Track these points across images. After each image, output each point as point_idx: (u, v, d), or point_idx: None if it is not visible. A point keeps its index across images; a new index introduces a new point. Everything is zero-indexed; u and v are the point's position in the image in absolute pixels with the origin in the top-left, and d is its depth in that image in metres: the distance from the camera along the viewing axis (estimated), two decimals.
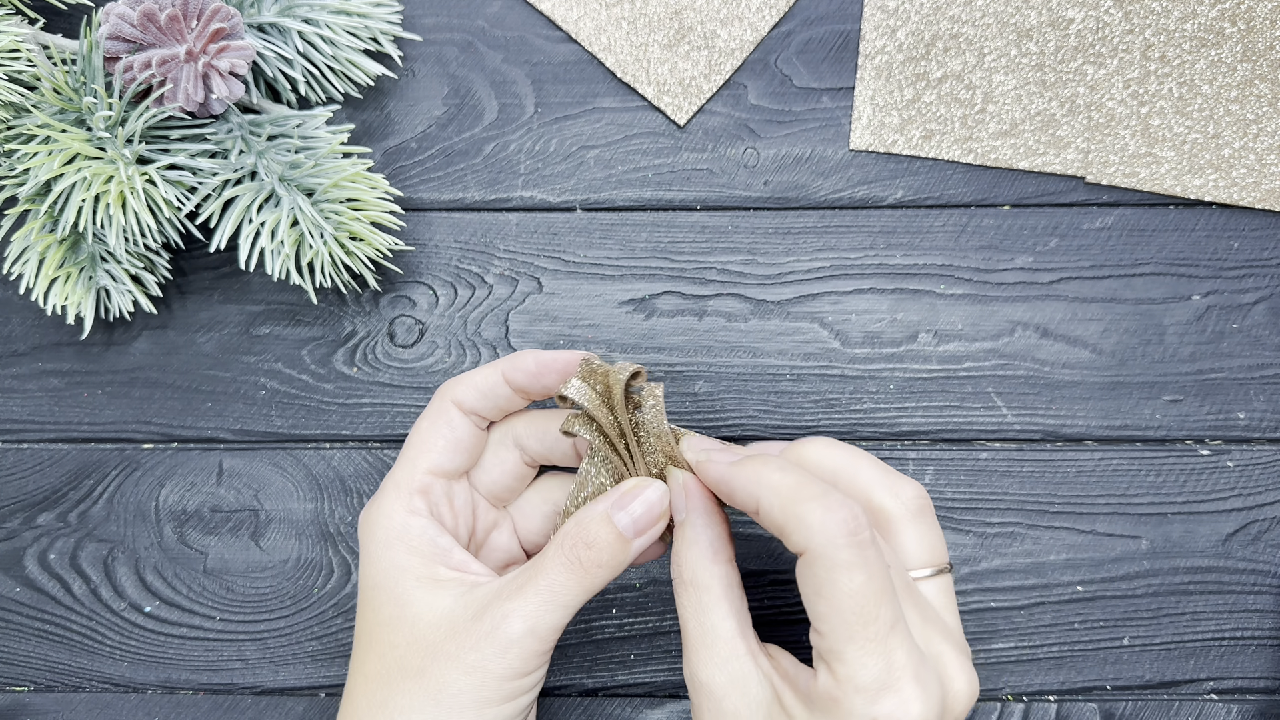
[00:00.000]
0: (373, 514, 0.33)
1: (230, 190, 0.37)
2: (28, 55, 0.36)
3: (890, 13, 0.41)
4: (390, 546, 0.32)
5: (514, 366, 0.33)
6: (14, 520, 0.41)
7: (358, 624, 0.32)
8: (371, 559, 0.32)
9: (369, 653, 0.31)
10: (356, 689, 0.31)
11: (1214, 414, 0.40)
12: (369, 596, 0.32)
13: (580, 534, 0.31)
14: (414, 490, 0.33)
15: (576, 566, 0.30)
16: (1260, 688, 0.39)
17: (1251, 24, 0.40)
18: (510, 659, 0.29)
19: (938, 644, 0.28)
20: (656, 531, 0.32)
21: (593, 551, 0.31)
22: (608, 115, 0.41)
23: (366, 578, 0.32)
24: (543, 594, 0.30)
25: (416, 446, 0.33)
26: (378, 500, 0.33)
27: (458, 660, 0.29)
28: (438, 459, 0.33)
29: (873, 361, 0.40)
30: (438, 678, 0.29)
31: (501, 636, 0.29)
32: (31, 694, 0.41)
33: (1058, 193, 0.40)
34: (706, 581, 0.30)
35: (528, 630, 0.30)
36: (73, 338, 0.42)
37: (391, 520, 0.32)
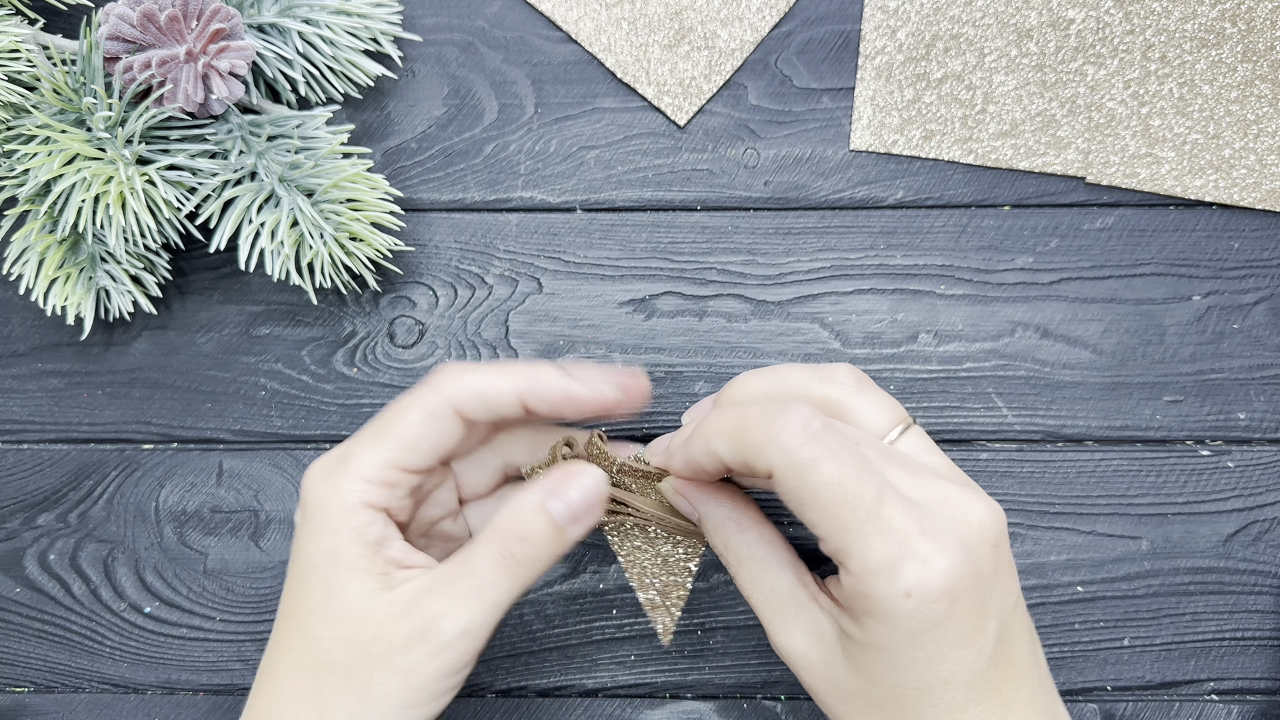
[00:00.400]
0: (325, 492, 0.30)
1: (230, 191, 0.37)
2: (27, 55, 0.36)
3: (890, 13, 0.41)
4: (335, 531, 0.30)
5: (537, 394, 0.31)
6: (14, 520, 0.41)
7: (284, 600, 0.31)
8: (313, 537, 0.30)
9: (295, 639, 0.30)
10: (280, 673, 0.30)
11: (1214, 414, 0.40)
12: (301, 576, 0.30)
13: (513, 526, 0.29)
14: (376, 481, 0.30)
15: (510, 562, 0.29)
16: (1261, 688, 0.39)
17: (1252, 24, 0.40)
18: (441, 661, 0.29)
19: (935, 489, 0.27)
20: (592, 518, 0.31)
21: (526, 545, 0.29)
22: (608, 115, 0.41)
23: (302, 554, 0.30)
24: (473, 592, 0.29)
25: (395, 435, 0.30)
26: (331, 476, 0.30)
27: (387, 663, 0.29)
28: (414, 459, 0.31)
29: (873, 362, 0.40)
30: (366, 679, 0.29)
31: (433, 641, 0.28)
32: (31, 694, 0.41)
33: (1058, 193, 0.40)
34: (747, 552, 0.30)
35: (460, 632, 0.29)
36: (73, 338, 0.42)
37: (344, 503, 0.30)
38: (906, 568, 0.25)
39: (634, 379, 0.32)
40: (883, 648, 0.26)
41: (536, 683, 0.40)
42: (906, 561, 0.25)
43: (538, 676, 0.40)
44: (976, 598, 0.26)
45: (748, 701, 0.40)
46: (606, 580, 0.40)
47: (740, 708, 0.40)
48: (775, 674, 0.40)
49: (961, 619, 0.25)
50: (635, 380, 0.32)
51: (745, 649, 0.40)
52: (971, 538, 0.26)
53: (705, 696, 0.40)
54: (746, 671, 0.40)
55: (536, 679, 0.40)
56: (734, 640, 0.40)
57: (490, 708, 0.40)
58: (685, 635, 0.40)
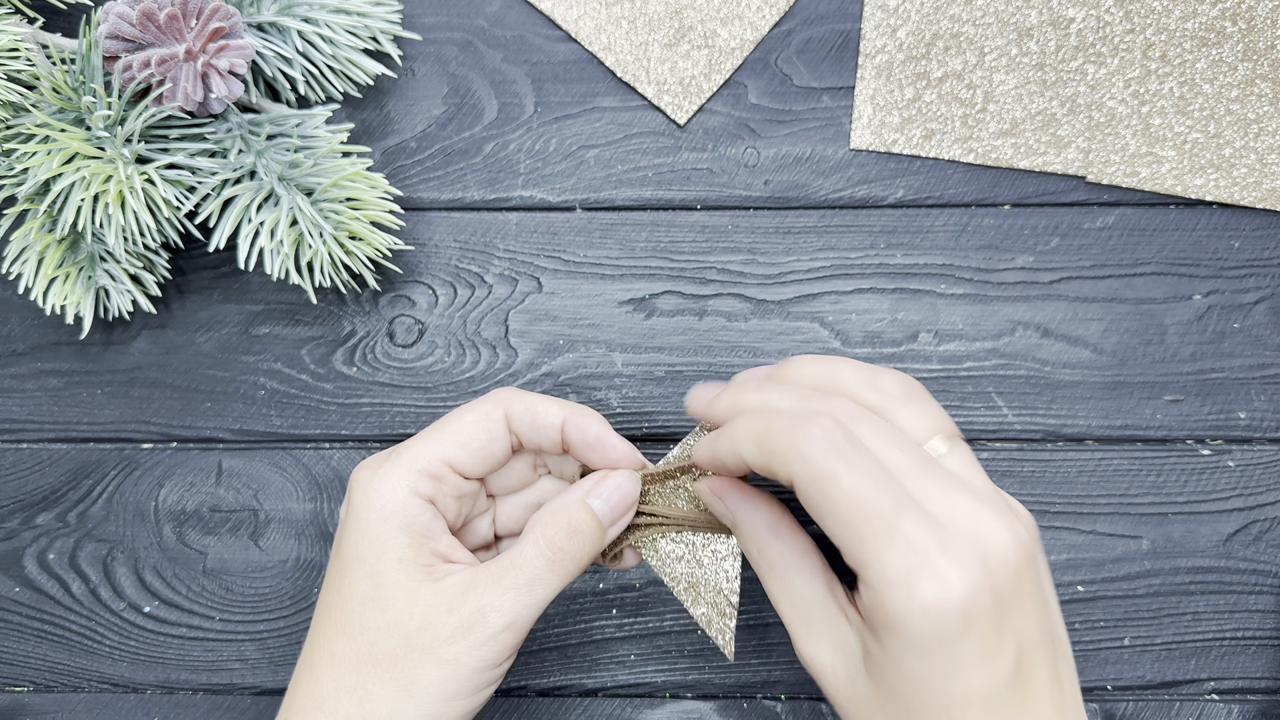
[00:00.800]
0: (376, 479, 0.31)
1: (229, 190, 0.37)
2: (27, 54, 0.36)
3: (891, 12, 0.41)
4: (384, 520, 0.31)
5: (577, 425, 0.32)
6: (13, 520, 0.41)
7: (327, 594, 0.31)
8: (361, 527, 0.31)
9: (338, 631, 0.30)
10: (321, 667, 0.30)
11: (1215, 414, 0.40)
12: (347, 567, 0.31)
13: (563, 522, 0.31)
14: (425, 472, 0.31)
15: (557, 557, 0.30)
16: (1261, 688, 0.39)
17: (1252, 23, 0.40)
18: (485, 653, 0.29)
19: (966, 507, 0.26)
20: (627, 519, 0.32)
21: (573, 540, 0.31)
22: (608, 115, 0.41)
23: (349, 545, 0.31)
24: (522, 587, 0.30)
25: (451, 433, 0.32)
26: (385, 466, 0.31)
27: (432, 653, 0.29)
28: (465, 458, 0.32)
29: (873, 361, 0.40)
30: (411, 669, 0.29)
31: (479, 633, 0.29)
32: (31, 694, 0.41)
33: (1058, 192, 0.40)
34: (780, 560, 0.30)
35: (506, 625, 0.30)
36: (72, 337, 0.41)
37: (394, 492, 0.31)
38: (923, 582, 0.25)
39: None
40: (900, 663, 0.26)
41: (536, 682, 0.40)
42: (922, 576, 0.25)
43: (537, 676, 0.40)
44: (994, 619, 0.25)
45: (748, 701, 0.40)
46: (606, 580, 0.40)
47: (740, 708, 0.40)
48: (775, 674, 0.40)
49: (977, 639, 0.25)
50: None
51: (745, 649, 0.40)
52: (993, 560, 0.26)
53: (705, 696, 0.40)
54: (746, 671, 0.40)
55: (536, 679, 0.40)
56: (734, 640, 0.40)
57: (490, 707, 0.40)
58: (685, 635, 0.40)
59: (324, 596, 0.31)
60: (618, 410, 0.40)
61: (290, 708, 0.31)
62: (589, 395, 0.40)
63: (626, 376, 0.41)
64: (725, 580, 0.33)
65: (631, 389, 0.40)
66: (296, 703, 0.31)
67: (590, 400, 0.40)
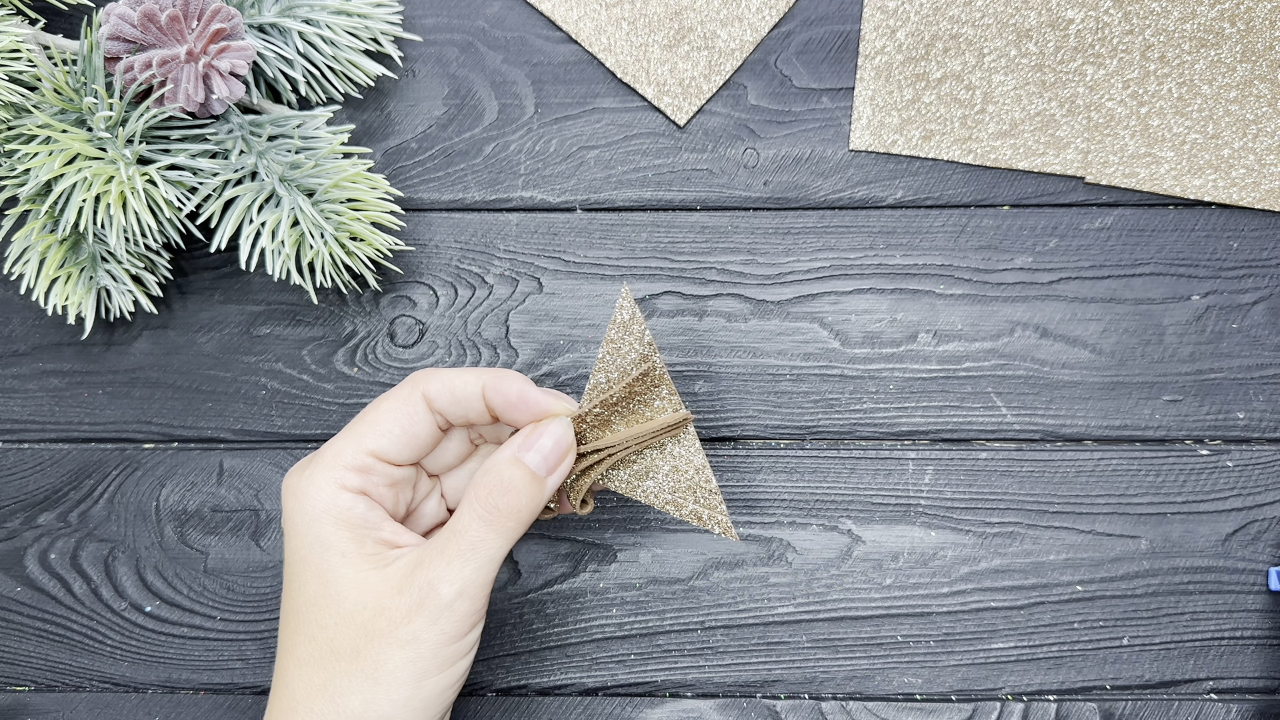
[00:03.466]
0: (301, 483, 0.31)
1: (231, 190, 0.37)
2: (28, 55, 0.36)
3: (890, 13, 0.41)
4: (317, 520, 0.31)
5: (496, 388, 0.32)
6: (14, 520, 0.41)
7: (284, 601, 0.32)
8: (297, 531, 0.31)
9: (298, 634, 0.31)
10: (290, 672, 0.31)
11: (1213, 414, 0.40)
12: (295, 572, 0.31)
13: (493, 481, 0.31)
14: (350, 466, 0.31)
15: (495, 515, 0.30)
16: (1259, 687, 0.39)
17: (1251, 24, 0.40)
18: (443, 625, 0.29)
19: None
20: (566, 465, 0.32)
21: (508, 496, 0.30)
22: (608, 115, 0.41)
23: (292, 552, 0.31)
24: (465, 553, 0.30)
25: (370, 424, 0.32)
26: (308, 468, 0.31)
27: (390, 637, 0.29)
28: (387, 446, 0.32)
29: (872, 361, 0.40)
30: (373, 656, 0.29)
31: (431, 605, 0.29)
32: (32, 694, 0.41)
33: (1057, 193, 0.41)
34: None
35: (457, 593, 0.29)
36: (73, 338, 0.42)
37: (321, 491, 0.31)
38: None
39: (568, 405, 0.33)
40: None
41: (536, 681, 0.40)
42: None
43: (538, 675, 0.40)
44: None
45: (748, 701, 0.40)
46: (606, 579, 0.40)
47: (740, 707, 0.40)
48: (775, 673, 0.40)
49: None
50: None
51: (745, 648, 0.40)
52: None
53: (705, 695, 0.40)
54: (746, 670, 0.40)
55: (536, 678, 0.40)
56: (734, 640, 0.40)
57: (490, 707, 0.40)
58: (685, 634, 0.40)
59: (283, 605, 0.32)
60: None
61: (269, 716, 0.31)
62: None
63: None
64: (696, 472, 0.33)
65: None
66: (273, 711, 0.31)
67: None
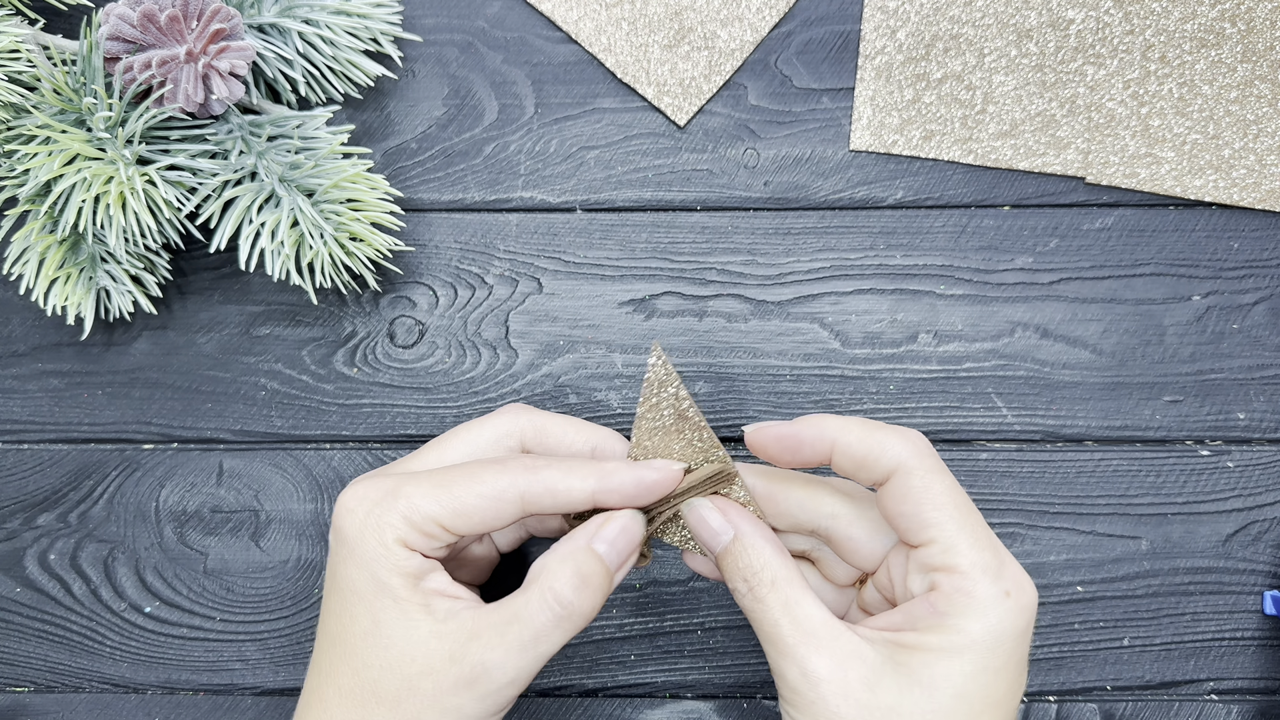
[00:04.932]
0: (367, 521, 0.30)
1: (230, 191, 0.37)
2: (28, 56, 0.36)
3: (890, 13, 0.41)
4: (377, 562, 0.30)
5: (608, 488, 0.30)
6: (14, 520, 0.41)
7: (328, 623, 0.31)
8: (354, 562, 0.30)
9: (343, 664, 0.30)
10: (330, 700, 0.30)
11: (1214, 414, 0.40)
12: (346, 601, 0.30)
13: (570, 573, 0.29)
14: (421, 530, 0.30)
15: (566, 612, 0.29)
16: (1260, 688, 0.39)
17: (1251, 24, 0.40)
18: (488, 705, 0.29)
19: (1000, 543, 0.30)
20: (631, 563, 0.31)
21: (584, 593, 0.29)
22: (608, 116, 0.41)
23: (344, 578, 0.30)
24: (526, 644, 0.29)
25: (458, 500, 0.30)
26: (379, 507, 0.30)
27: (436, 701, 0.29)
28: (462, 527, 0.30)
29: (873, 362, 0.40)
30: (413, 713, 0.29)
31: (482, 687, 0.29)
32: (31, 694, 0.41)
33: (1058, 193, 0.41)
34: (788, 575, 0.30)
35: (509, 681, 0.29)
36: (73, 338, 0.42)
37: (383, 537, 0.30)
38: (1007, 573, 0.28)
39: None
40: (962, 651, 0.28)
41: (536, 682, 0.40)
42: (1008, 568, 0.28)
43: (538, 676, 0.40)
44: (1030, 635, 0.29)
45: (748, 701, 0.40)
46: None
47: (740, 707, 0.40)
48: None
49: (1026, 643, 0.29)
50: None
51: (745, 649, 0.40)
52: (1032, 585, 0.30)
53: (705, 696, 0.40)
54: (746, 671, 0.40)
55: (536, 678, 0.40)
56: (734, 640, 0.40)
57: None
58: (685, 635, 0.40)
59: (325, 625, 0.31)
60: (618, 410, 0.41)
61: None
62: (589, 396, 0.41)
63: (626, 377, 0.41)
64: None
65: (631, 389, 0.41)
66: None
67: (590, 401, 0.41)
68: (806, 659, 0.29)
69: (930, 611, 0.28)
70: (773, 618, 0.29)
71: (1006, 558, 0.29)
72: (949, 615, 0.28)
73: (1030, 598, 0.28)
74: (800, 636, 0.29)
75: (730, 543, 0.31)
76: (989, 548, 0.28)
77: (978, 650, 0.28)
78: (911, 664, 0.28)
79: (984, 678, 0.28)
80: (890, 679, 0.28)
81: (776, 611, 0.29)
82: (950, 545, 0.28)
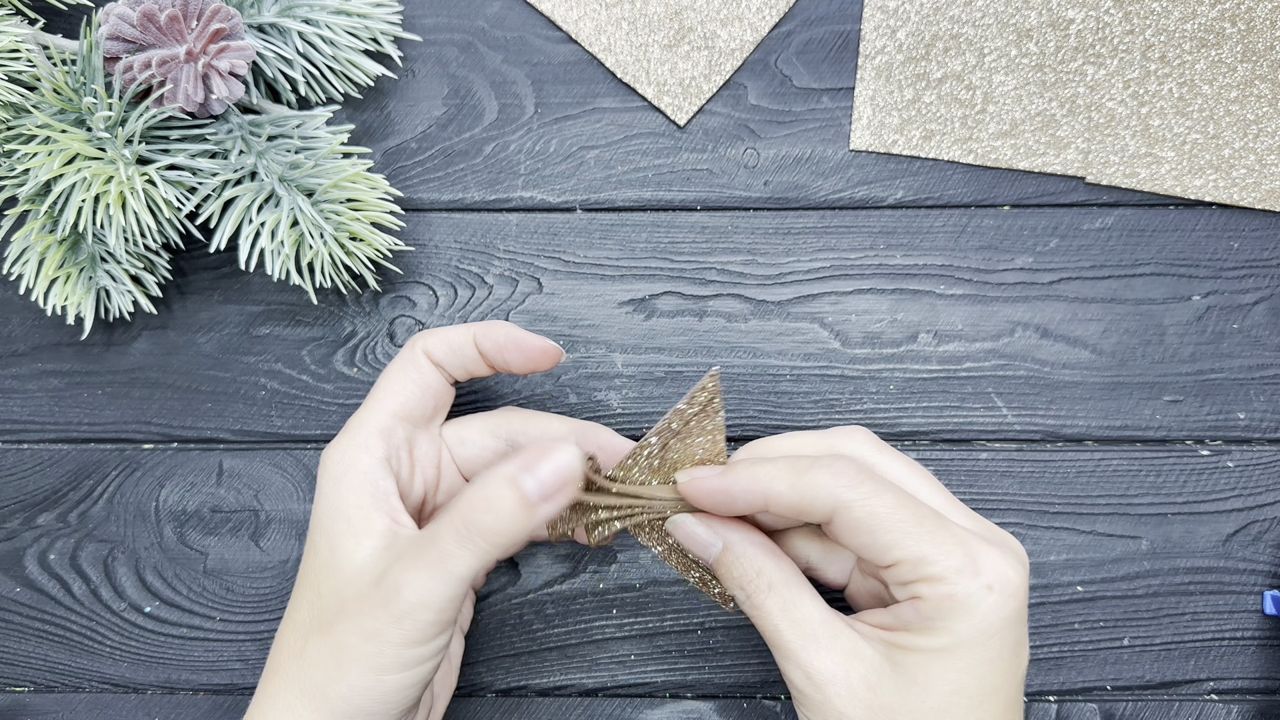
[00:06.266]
0: (330, 451, 0.33)
1: (230, 190, 0.37)
2: (28, 55, 0.36)
3: (890, 13, 0.41)
4: (338, 483, 0.32)
5: (485, 333, 0.34)
6: (14, 520, 0.41)
7: (301, 563, 0.32)
8: (321, 495, 0.32)
9: (303, 599, 0.31)
10: (284, 633, 0.31)
11: (1214, 414, 0.40)
12: (313, 536, 0.32)
13: (479, 496, 0.28)
14: (374, 430, 0.32)
15: (471, 534, 0.28)
16: (1260, 688, 0.39)
17: (1251, 24, 0.40)
18: (405, 629, 0.28)
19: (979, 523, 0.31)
20: (563, 499, 0.29)
21: (490, 516, 0.28)
22: (608, 115, 0.41)
23: (314, 516, 0.32)
24: (434, 564, 0.28)
25: (383, 389, 0.34)
26: (337, 438, 0.33)
27: (358, 623, 0.29)
28: (403, 401, 0.33)
29: (873, 362, 0.40)
30: (340, 638, 0.29)
31: (395, 607, 0.28)
32: (31, 694, 0.41)
33: (1058, 193, 0.41)
34: (783, 577, 0.30)
35: (420, 602, 0.28)
36: (73, 338, 0.42)
37: (344, 456, 0.32)
38: (985, 565, 0.28)
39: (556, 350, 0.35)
40: (953, 650, 0.28)
41: (536, 682, 0.40)
42: (984, 560, 0.28)
43: (537, 676, 0.40)
44: (1025, 613, 0.29)
45: (748, 701, 0.40)
46: (606, 580, 0.40)
47: (740, 707, 0.40)
48: (775, 674, 0.40)
49: (1020, 625, 0.29)
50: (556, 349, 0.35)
51: (745, 649, 0.40)
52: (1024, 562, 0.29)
53: (705, 696, 0.40)
54: (746, 671, 0.40)
55: (536, 679, 0.40)
56: (734, 640, 0.40)
57: (490, 707, 0.40)
58: (685, 635, 0.40)
59: (300, 565, 0.33)
60: (618, 411, 0.41)
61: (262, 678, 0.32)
62: (589, 395, 0.41)
63: (626, 377, 0.41)
64: None
65: (632, 389, 0.41)
66: (264, 671, 0.32)
67: (590, 401, 0.41)
68: (809, 662, 0.29)
69: (917, 616, 0.28)
70: (773, 622, 0.30)
71: (980, 550, 0.28)
72: (935, 619, 0.28)
73: (1015, 582, 0.28)
74: (801, 640, 0.29)
75: (721, 553, 0.31)
76: (957, 547, 0.28)
77: (968, 647, 0.28)
78: (906, 663, 0.28)
79: (979, 669, 0.28)
80: (889, 679, 0.28)
81: (776, 616, 0.30)
82: (917, 560, 0.28)
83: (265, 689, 0.31)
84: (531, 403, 0.41)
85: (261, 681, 0.31)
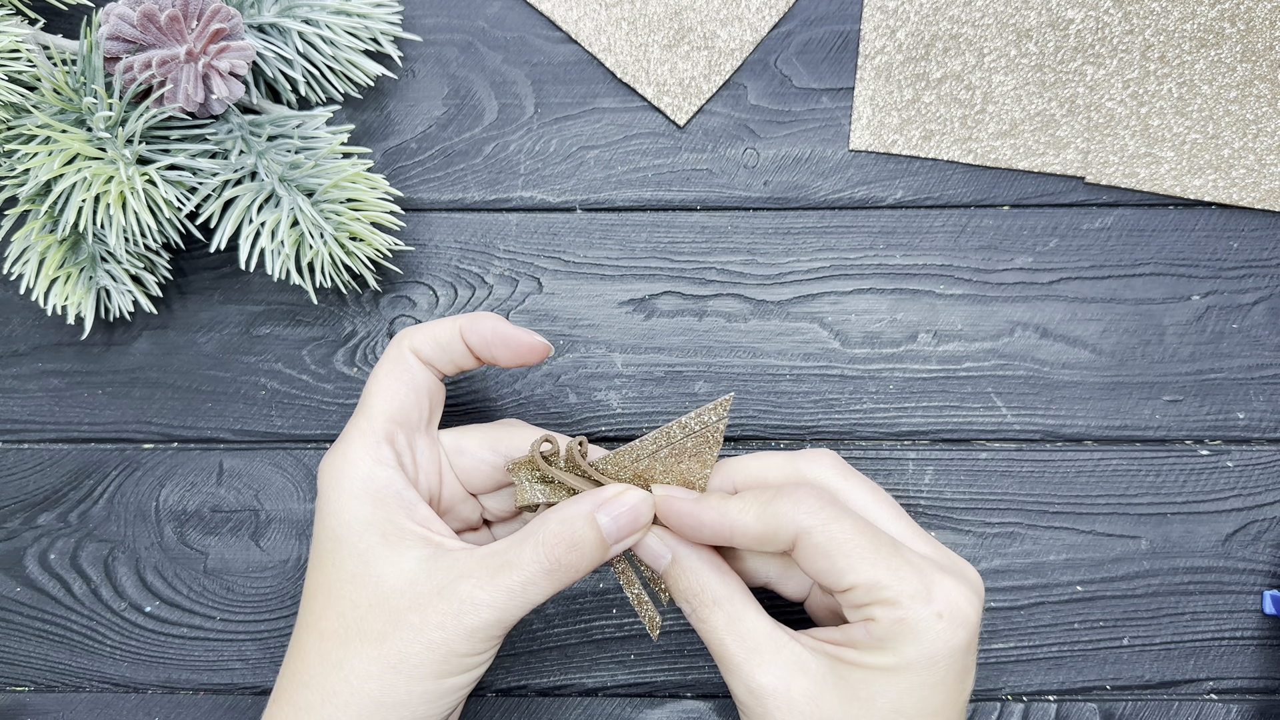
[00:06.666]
0: (336, 461, 0.32)
1: (230, 190, 0.37)
2: (28, 55, 0.36)
3: (890, 13, 0.41)
4: (355, 497, 0.31)
5: (472, 327, 0.34)
6: (14, 520, 0.41)
7: (313, 576, 0.32)
8: (334, 509, 0.31)
9: (327, 609, 0.31)
10: (309, 644, 0.31)
11: (1213, 414, 0.40)
12: (330, 549, 0.31)
13: (567, 535, 0.31)
14: (380, 438, 0.32)
15: (554, 568, 0.30)
16: (1260, 688, 0.39)
17: (1251, 24, 0.40)
18: (473, 642, 0.30)
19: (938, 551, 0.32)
20: (632, 540, 0.32)
21: (573, 553, 0.30)
22: (608, 115, 0.41)
23: (327, 529, 0.32)
24: (514, 589, 0.30)
25: (376, 394, 0.33)
26: (342, 448, 0.32)
27: (421, 634, 0.30)
28: (399, 405, 0.33)
29: (872, 361, 0.40)
30: (399, 647, 0.30)
31: (468, 622, 0.30)
32: (32, 694, 0.41)
33: (1057, 193, 0.41)
34: (728, 593, 0.31)
35: (495, 620, 0.30)
36: (73, 338, 0.42)
37: (358, 469, 0.31)
38: (937, 591, 0.29)
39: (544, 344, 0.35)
40: (898, 670, 0.29)
41: (536, 682, 0.40)
42: (936, 587, 0.29)
43: (537, 676, 0.40)
44: (975, 642, 0.30)
45: None
46: (606, 580, 0.40)
47: None
48: None
49: (968, 654, 0.29)
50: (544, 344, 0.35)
51: None
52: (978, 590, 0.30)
53: (705, 696, 0.40)
54: None
55: (536, 678, 0.40)
56: None
57: (490, 707, 0.40)
58: (685, 635, 0.40)
59: (310, 579, 0.32)
60: (618, 411, 0.41)
61: (278, 688, 0.31)
62: (589, 395, 0.41)
63: (626, 377, 0.41)
64: None
65: (632, 389, 0.41)
66: (284, 682, 0.31)
67: (590, 401, 0.41)
68: (751, 675, 0.30)
69: (867, 636, 0.29)
70: (717, 636, 0.31)
71: (934, 578, 0.29)
72: (885, 641, 0.29)
73: (965, 612, 0.29)
74: (744, 653, 0.30)
75: (669, 565, 0.32)
76: (913, 574, 0.29)
77: (913, 670, 0.29)
78: (851, 679, 0.29)
79: (920, 692, 0.29)
80: (832, 691, 0.29)
81: (720, 630, 0.31)
82: (872, 585, 0.29)
83: (295, 701, 0.31)
84: (531, 402, 0.41)
85: (286, 693, 0.31)
